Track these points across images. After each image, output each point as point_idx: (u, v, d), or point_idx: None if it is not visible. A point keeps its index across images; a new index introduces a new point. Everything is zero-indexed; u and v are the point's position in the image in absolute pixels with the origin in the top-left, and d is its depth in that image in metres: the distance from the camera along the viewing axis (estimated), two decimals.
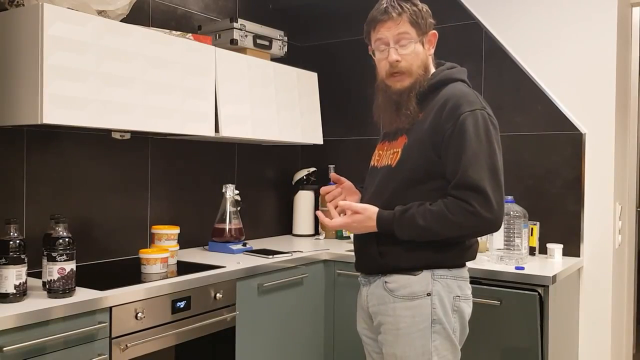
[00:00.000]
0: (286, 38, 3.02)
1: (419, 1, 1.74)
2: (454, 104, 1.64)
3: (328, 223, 1.76)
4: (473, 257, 1.77)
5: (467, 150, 1.59)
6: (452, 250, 1.68)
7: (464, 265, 1.75)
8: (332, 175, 1.89)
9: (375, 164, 1.83)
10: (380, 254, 1.70)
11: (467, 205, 1.57)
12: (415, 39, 1.70)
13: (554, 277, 2.23)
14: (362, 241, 1.76)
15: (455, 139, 1.61)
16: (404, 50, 1.70)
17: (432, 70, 1.77)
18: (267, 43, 2.90)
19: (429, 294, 1.65)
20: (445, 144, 1.63)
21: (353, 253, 2.63)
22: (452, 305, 1.67)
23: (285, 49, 3.02)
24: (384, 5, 1.71)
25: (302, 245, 2.97)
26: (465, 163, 1.58)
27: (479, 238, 2.71)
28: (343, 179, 1.89)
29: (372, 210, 1.69)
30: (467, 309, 1.73)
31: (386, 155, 1.78)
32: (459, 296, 1.69)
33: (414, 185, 1.67)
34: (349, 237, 3.13)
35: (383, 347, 1.73)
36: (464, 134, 1.60)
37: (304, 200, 3.33)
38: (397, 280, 1.68)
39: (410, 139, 1.70)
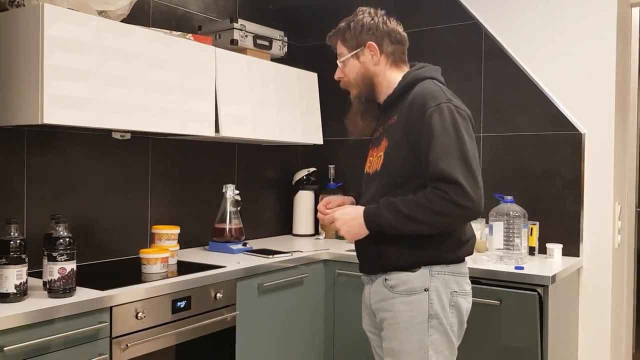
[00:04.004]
0: (286, 38, 3.02)
1: (360, 15, 1.84)
2: (420, 102, 1.70)
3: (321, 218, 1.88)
4: (470, 252, 1.80)
5: (436, 143, 1.63)
6: (446, 245, 1.72)
7: (461, 260, 1.78)
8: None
9: (368, 171, 1.89)
10: (378, 254, 1.76)
11: (444, 194, 1.61)
12: (349, 55, 1.83)
13: (554, 277, 2.23)
14: (361, 243, 1.82)
15: (425, 136, 1.66)
16: (344, 67, 1.86)
17: (390, 75, 1.83)
18: (267, 43, 2.90)
19: (426, 290, 1.70)
20: (418, 142, 1.68)
21: (353, 253, 2.64)
22: (450, 301, 1.71)
23: (285, 49, 3.03)
24: None
25: (302, 245, 2.97)
26: (435, 156, 1.63)
27: (477, 238, 2.73)
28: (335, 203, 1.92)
29: (356, 206, 1.80)
30: (466, 304, 1.76)
31: (374, 161, 1.85)
32: (456, 291, 1.73)
33: (400, 186, 1.72)
34: None
35: (383, 342, 1.78)
36: (431, 129, 1.65)
37: (304, 200, 3.33)
38: (397, 278, 1.73)
39: (390, 142, 1.77)
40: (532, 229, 2.62)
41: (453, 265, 1.73)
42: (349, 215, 1.76)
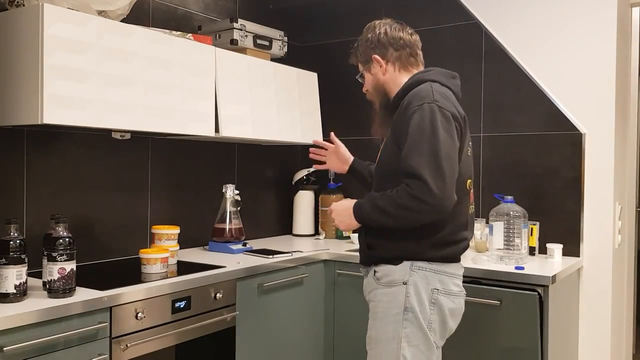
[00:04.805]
0: (286, 38, 3.02)
1: (365, 32, 1.97)
2: (406, 104, 1.77)
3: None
4: (457, 254, 1.83)
5: (409, 140, 1.70)
6: (428, 242, 1.75)
7: (448, 260, 1.79)
8: (332, 136, 2.23)
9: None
10: (368, 246, 1.84)
11: (409, 189, 1.67)
12: (362, 70, 1.99)
13: (554, 277, 2.23)
14: (358, 237, 1.92)
15: (404, 133, 1.72)
16: (364, 81, 2.00)
17: (400, 79, 1.91)
18: (267, 43, 2.90)
19: (404, 283, 1.75)
20: (401, 140, 1.75)
21: (353, 253, 2.66)
22: (430, 298, 1.74)
23: (285, 49, 3.03)
24: None
25: (302, 245, 2.97)
26: (407, 152, 1.69)
27: (477, 238, 2.72)
28: (338, 142, 2.20)
29: (351, 199, 1.89)
30: (449, 304, 1.78)
31: None
32: (437, 289, 1.75)
33: (389, 180, 1.78)
34: (348, 237, 3.13)
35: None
36: (408, 127, 1.71)
37: (304, 200, 3.33)
38: (382, 270, 1.81)
39: (385, 140, 1.90)
40: (532, 229, 2.62)
41: (437, 264, 1.76)
42: (343, 207, 1.87)
